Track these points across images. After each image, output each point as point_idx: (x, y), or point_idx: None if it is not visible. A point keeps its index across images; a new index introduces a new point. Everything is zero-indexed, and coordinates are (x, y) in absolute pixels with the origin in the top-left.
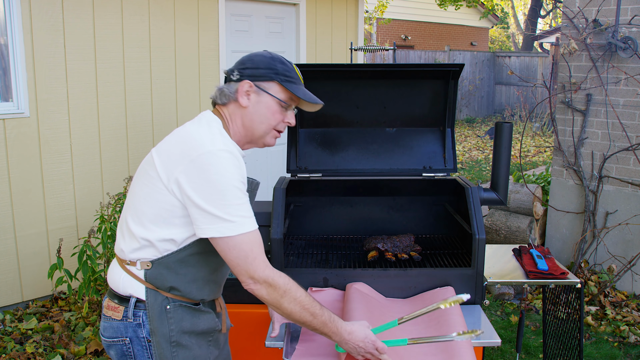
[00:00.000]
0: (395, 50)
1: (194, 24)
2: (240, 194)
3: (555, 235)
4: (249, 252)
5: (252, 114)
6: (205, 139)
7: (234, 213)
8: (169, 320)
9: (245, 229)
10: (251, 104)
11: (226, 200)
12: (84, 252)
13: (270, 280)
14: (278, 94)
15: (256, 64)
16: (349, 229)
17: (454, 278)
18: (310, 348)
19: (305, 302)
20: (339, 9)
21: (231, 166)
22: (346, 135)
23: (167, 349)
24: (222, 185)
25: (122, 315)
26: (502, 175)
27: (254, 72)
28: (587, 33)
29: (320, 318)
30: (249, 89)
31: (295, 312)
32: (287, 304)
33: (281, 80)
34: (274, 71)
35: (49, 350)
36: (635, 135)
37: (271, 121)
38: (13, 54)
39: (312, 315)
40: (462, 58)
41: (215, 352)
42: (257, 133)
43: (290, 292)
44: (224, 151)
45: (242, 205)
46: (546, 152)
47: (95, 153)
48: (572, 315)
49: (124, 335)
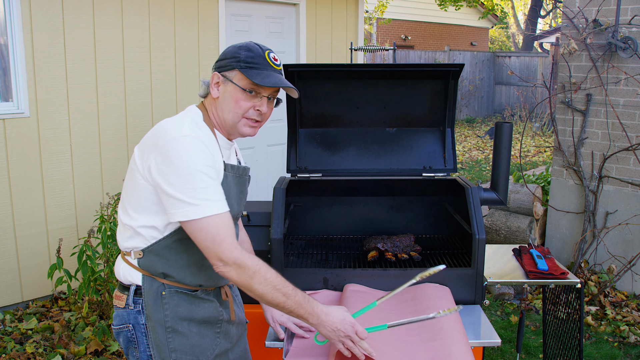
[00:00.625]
0: (395, 50)
1: (194, 24)
2: (205, 178)
3: (555, 235)
4: (216, 235)
5: (222, 104)
6: (173, 127)
7: (198, 196)
8: (163, 305)
9: (210, 212)
10: (220, 95)
11: (189, 184)
12: (84, 252)
13: (239, 261)
14: (240, 81)
15: (224, 54)
16: (349, 229)
17: (454, 278)
18: (305, 348)
19: (277, 283)
20: (339, 9)
21: (195, 150)
22: (346, 135)
23: (162, 334)
24: (185, 170)
25: (125, 303)
26: (502, 175)
27: (221, 63)
28: (587, 33)
29: (294, 298)
30: (217, 80)
31: (267, 293)
32: (257, 285)
33: (241, 67)
34: (236, 59)
35: (49, 350)
36: (635, 135)
37: (237, 110)
38: (13, 54)
39: (285, 295)
40: (462, 58)
41: (225, 345)
42: (228, 122)
43: (260, 272)
44: (188, 137)
45: (207, 189)
46: (546, 152)
47: (95, 153)
48: (572, 315)
49: (127, 322)
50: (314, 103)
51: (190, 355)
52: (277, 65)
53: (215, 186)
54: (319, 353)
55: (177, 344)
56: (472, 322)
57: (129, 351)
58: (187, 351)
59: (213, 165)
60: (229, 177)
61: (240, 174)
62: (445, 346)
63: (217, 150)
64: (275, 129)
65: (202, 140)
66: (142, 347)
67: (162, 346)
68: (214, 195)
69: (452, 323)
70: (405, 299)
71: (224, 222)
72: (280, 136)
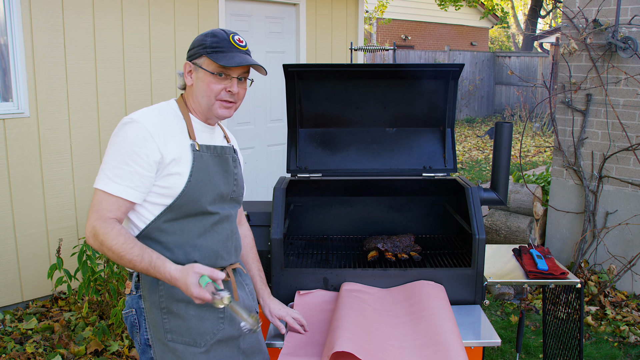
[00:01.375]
0: (395, 50)
1: (194, 24)
2: (120, 158)
3: (555, 235)
4: (95, 205)
5: (196, 90)
6: (131, 114)
7: (104, 168)
8: (159, 287)
9: (101, 187)
10: (194, 82)
11: (107, 157)
12: (84, 252)
13: (95, 230)
14: (208, 66)
15: (192, 44)
16: (349, 229)
17: (454, 278)
18: (299, 347)
19: (121, 251)
20: (339, 9)
21: (130, 134)
22: (346, 135)
23: (157, 315)
24: (111, 146)
25: (131, 289)
26: (502, 175)
27: (190, 52)
28: (587, 33)
29: (140, 265)
30: (189, 69)
31: (115, 259)
32: (106, 252)
33: (207, 53)
34: (202, 46)
35: (49, 350)
36: (635, 135)
37: (209, 93)
38: (13, 54)
39: (131, 262)
40: (462, 58)
41: (231, 331)
42: (203, 106)
43: (106, 241)
44: (133, 121)
45: (115, 168)
46: (546, 152)
47: (95, 153)
48: (572, 315)
49: (131, 307)
50: (314, 103)
51: (186, 337)
52: (242, 46)
53: (127, 171)
54: (313, 352)
55: (173, 325)
56: (472, 322)
57: (134, 335)
58: (183, 333)
59: (144, 152)
60: (204, 156)
61: (219, 153)
62: (440, 352)
63: (177, 134)
64: (275, 129)
65: (147, 127)
66: (142, 330)
67: (158, 327)
68: (117, 176)
69: (448, 325)
70: (400, 299)
71: (108, 200)
72: (280, 136)
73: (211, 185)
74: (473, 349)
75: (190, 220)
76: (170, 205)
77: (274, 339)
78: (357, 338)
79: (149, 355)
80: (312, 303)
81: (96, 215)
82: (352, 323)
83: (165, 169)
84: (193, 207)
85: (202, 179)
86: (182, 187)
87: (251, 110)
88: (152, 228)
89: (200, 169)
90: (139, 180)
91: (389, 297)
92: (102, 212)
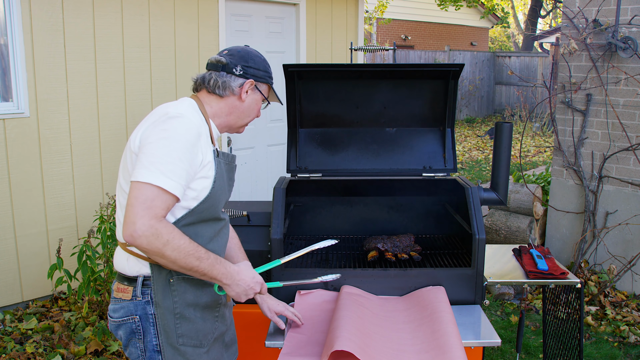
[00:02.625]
0: (395, 50)
1: (194, 24)
2: (175, 154)
3: (555, 235)
4: (148, 200)
5: (245, 109)
6: (169, 107)
7: (154, 162)
8: (172, 292)
9: (156, 182)
10: (247, 100)
11: (156, 150)
12: (84, 252)
13: (153, 229)
14: (265, 93)
15: (257, 64)
16: (349, 229)
17: (454, 278)
18: (299, 347)
19: (190, 249)
20: (339, 9)
21: (183, 128)
22: (346, 135)
23: (170, 321)
24: (160, 140)
25: (132, 295)
26: (502, 175)
27: (256, 72)
28: (587, 33)
29: (207, 261)
30: (250, 88)
31: (180, 259)
32: (169, 252)
33: (271, 83)
34: (268, 74)
35: (49, 350)
36: (635, 135)
37: (253, 115)
38: (13, 54)
39: (198, 259)
40: (462, 58)
41: (222, 328)
42: (240, 123)
43: (173, 240)
44: (183, 116)
45: (169, 164)
46: (546, 152)
47: (95, 153)
48: (572, 315)
49: (134, 314)
50: (314, 103)
51: (195, 339)
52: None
53: (181, 168)
54: (313, 352)
55: (184, 329)
56: (472, 322)
57: (130, 342)
58: (193, 336)
59: (193, 150)
60: (221, 163)
61: (230, 161)
62: (439, 355)
63: (208, 138)
64: (275, 129)
65: (196, 125)
66: (149, 336)
67: (170, 332)
68: (172, 173)
69: (448, 328)
70: (400, 308)
71: (162, 197)
72: (280, 136)
73: (224, 192)
74: (473, 349)
75: (204, 225)
76: (192, 210)
77: (274, 339)
78: (356, 339)
79: None
80: (312, 303)
81: (151, 213)
82: (352, 324)
83: (201, 171)
84: (211, 212)
85: (220, 185)
86: (208, 191)
87: None
88: None
89: (220, 175)
90: (186, 179)
91: (388, 305)
92: (156, 210)
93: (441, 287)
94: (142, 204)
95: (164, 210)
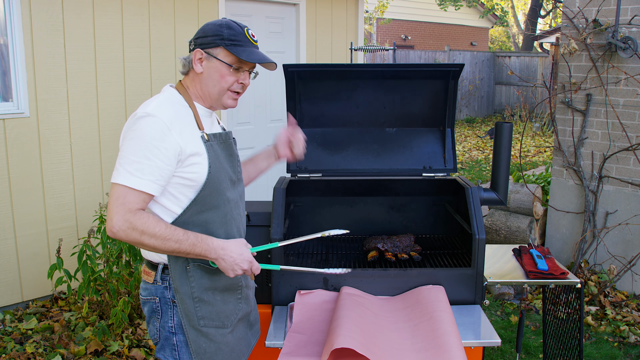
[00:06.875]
0: (395, 50)
1: (194, 24)
2: (140, 152)
3: (555, 235)
4: (118, 199)
5: (206, 79)
6: (141, 107)
7: (122, 163)
8: (189, 279)
9: (122, 181)
10: (204, 70)
11: (124, 151)
12: (84, 252)
13: (128, 224)
14: (225, 58)
15: (205, 32)
16: (349, 229)
17: (454, 278)
18: (299, 346)
19: (166, 234)
20: (339, 9)
21: (147, 127)
22: (346, 135)
23: (190, 305)
24: (128, 141)
25: (154, 279)
26: (502, 175)
27: (203, 40)
28: (587, 33)
29: (186, 242)
30: (200, 57)
31: (159, 245)
32: (147, 241)
33: (226, 45)
34: (219, 37)
35: (49, 350)
36: (635, 135)
37: (222, 84)
38: (13, 54)
39: (177, 242)
40: (462, 58)
41: (247, 308)
42: (213, 95)
43: (148, 230)
44: (149, 115)
45: (135, 163)
46: (546, 152)
47: (95, 153)
48: (572, 315)
49: (154, 295)
50: (314, 103)
51: (216, 320)
52: (255, 41)
53: (149, 166)
54: (313, 352)
55: (204, 312)
56: (472, 322)
57: (151, 320)
58: (214, 317)
59: (163, 145)
60: (214, 145)
61: (224, 139)
62: (438, 355)
63: (190, 125)
64: (275, 129)
65: (164, 120)
66: (165, 317)
67: (191, 315)
68: (139, 171)
69: (447, 327)
70: (399, 307)
71: (133, 194)
72: None
73: (224, 173)
74: (473, 349)
75: (212, 211)
76: (195, 199)
77: (274, 339)
78: (357, 336)
79: (171, 341)
80: (313, 303)
81: (124, 209)
82: (352, 323)
83: (187, 159)
84: (215, 197)
85: (217, 168)
86: (204, 178)
87: (251, 110)
88: (180, 222)
89: (214, 158)
90: (158, 174)
91: (387, 305)
92: (129, 205)
93: (441, 286)
94: (115, 201)
95: (138, 205)
